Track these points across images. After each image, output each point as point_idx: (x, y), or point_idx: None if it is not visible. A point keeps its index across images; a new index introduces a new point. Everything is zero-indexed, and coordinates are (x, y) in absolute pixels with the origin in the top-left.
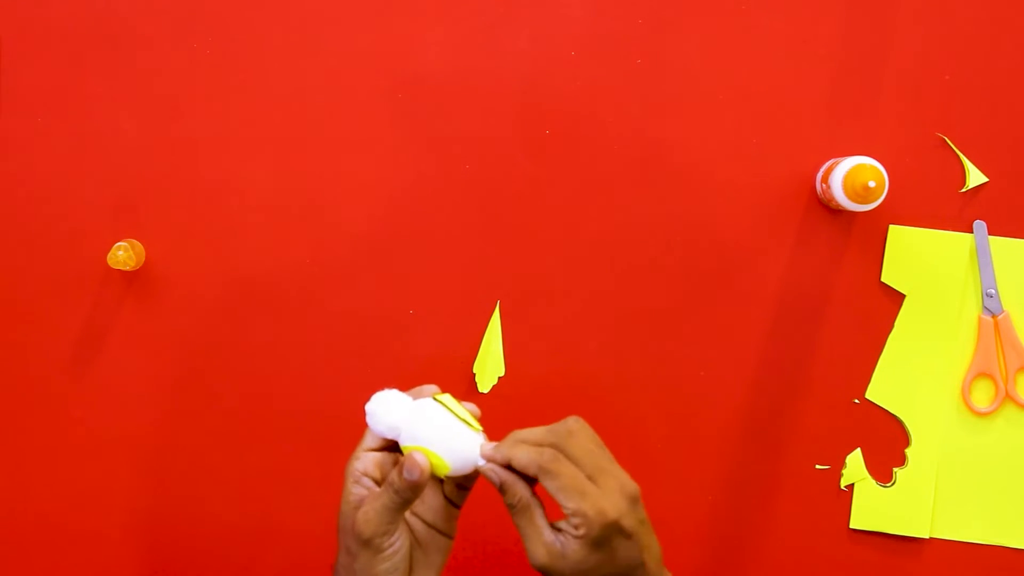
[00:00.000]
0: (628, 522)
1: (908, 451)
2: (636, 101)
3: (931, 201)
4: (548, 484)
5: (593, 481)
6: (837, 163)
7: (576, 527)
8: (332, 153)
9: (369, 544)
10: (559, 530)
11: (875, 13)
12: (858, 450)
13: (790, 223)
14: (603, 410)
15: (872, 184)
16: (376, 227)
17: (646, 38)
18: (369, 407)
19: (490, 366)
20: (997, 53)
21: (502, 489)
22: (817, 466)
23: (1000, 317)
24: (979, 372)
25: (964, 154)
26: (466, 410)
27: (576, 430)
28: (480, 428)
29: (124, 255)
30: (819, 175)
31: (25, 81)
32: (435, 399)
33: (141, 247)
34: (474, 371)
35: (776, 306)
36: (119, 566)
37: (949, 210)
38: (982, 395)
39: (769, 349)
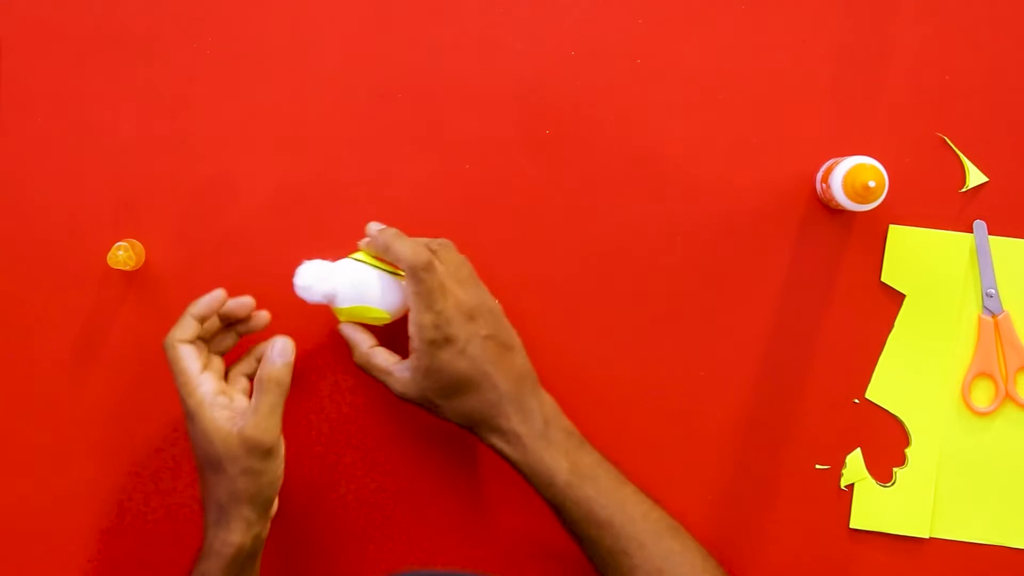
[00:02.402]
0: (451, 331)
1: (908, 451)
2: (636, 101)
3: (931, 201)
4: (410, 286)
5: (441, 294)
6: (837, 163)
7: (411, 341)
8: (332, 153)
9: (271, 452)
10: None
11: (875, 13)
12: (858, 450)
13: (790, 223)
14: (603, 409)
15: (872, 184)
16: None
17: (646, 38)
18: (302, 281)
19: None
20: (997, 53)
21: (349, 344)
22: (817, 466)
23: (1000, 317)
24: (979, 372)
25: (964, 154)
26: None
27: (448, 245)
28: (402, 273)
29: (124, 255)
30: (819, 175)
31: (25, 81)
32: (354, 258)
33: (141, 247)
34: None
35: (776, 306)
36: (119, 566)
37: (949, 210)
38: (982, 395)
39: (769, 349)
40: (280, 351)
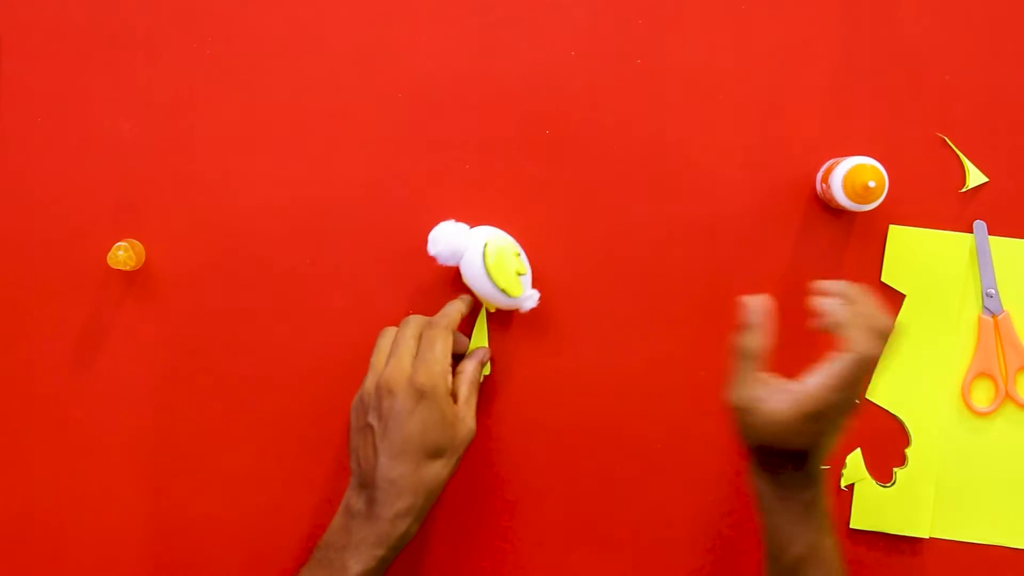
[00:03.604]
0: (820, 427)
1: (908, 451)
2: (636, 101)
3: (931, 201)
4: (848, 368)
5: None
6: (837, 163)
7: (794, 393)
8: (332, 153)
9: None
10: (768, 387)
11: (875, 13)
12: (858, 450)
13: (790, 223)
14: (603, 409)
15: (872, 184)
16: (376, 227)
17: (646, 38)
18: (433, 250)
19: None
20: (997, 53)
21: (748, 329)
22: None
23: (1000, 317)
24: (979, 372)
25: (964, 154)
26: (515, 247)
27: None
28: (527, 268)
29: (124, 255)
30: (819, 175)
31: (25, 81)
32: (487, 244)
33: (141, 247)
34: None
35: (776, 306)
36: (118, 566)
37: (949, 210)
38: (982, 395)
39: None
40: (484, 359)
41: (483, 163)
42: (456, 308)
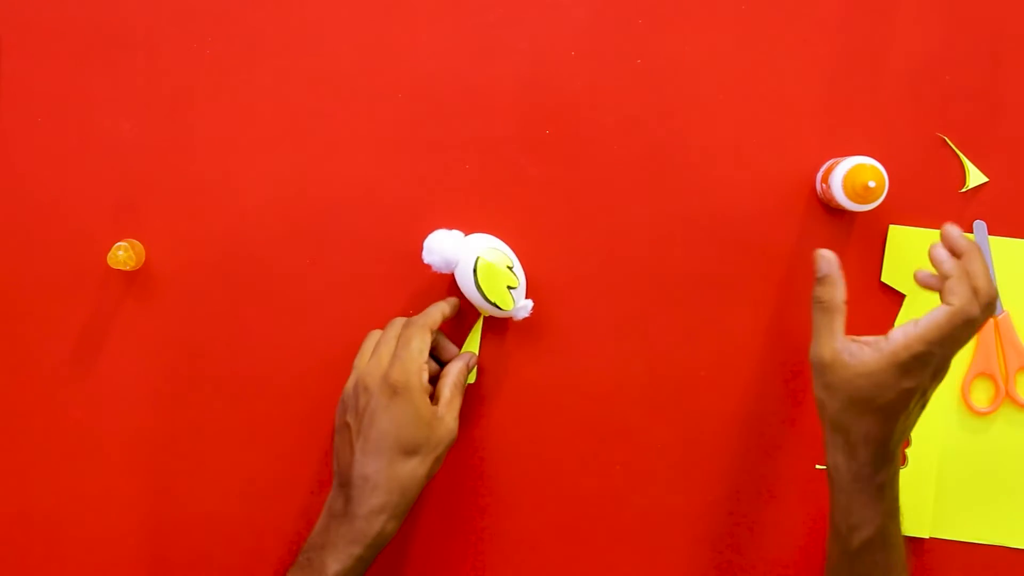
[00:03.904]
0: (908, 383)
1: (908, 451)
2: (636, 101)
3: (931, 201)
4: (951, 316)
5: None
6: (837, 163)
7: (883, 344)
8: (332, 153)
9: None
10: (854, 341)
11: (875, 14)
12: None
13: (790, 223)
14: (602, 410)
15: (872, 184)
16: (376, 228)
17: (646, 38)
18: (428, 259)
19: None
20: (997, 53)
21: (823, 280)
22: (817, 466)
23: (1000, 317)
24: (979, 372)
25: (964, 154)
26: (508, 259)
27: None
28: (518, 281)
29: (124, 255)
30: (819, 175)
31: (25, 81)
32: (480, 257)
33: (141, 247)
34: None
35: (776, 306)
36: (118, 566)
37: (949, 210)
38: (982, 395)
39: (769, 349)
40: (471, 364)
41: (483, 163)
42: (439, 308)
